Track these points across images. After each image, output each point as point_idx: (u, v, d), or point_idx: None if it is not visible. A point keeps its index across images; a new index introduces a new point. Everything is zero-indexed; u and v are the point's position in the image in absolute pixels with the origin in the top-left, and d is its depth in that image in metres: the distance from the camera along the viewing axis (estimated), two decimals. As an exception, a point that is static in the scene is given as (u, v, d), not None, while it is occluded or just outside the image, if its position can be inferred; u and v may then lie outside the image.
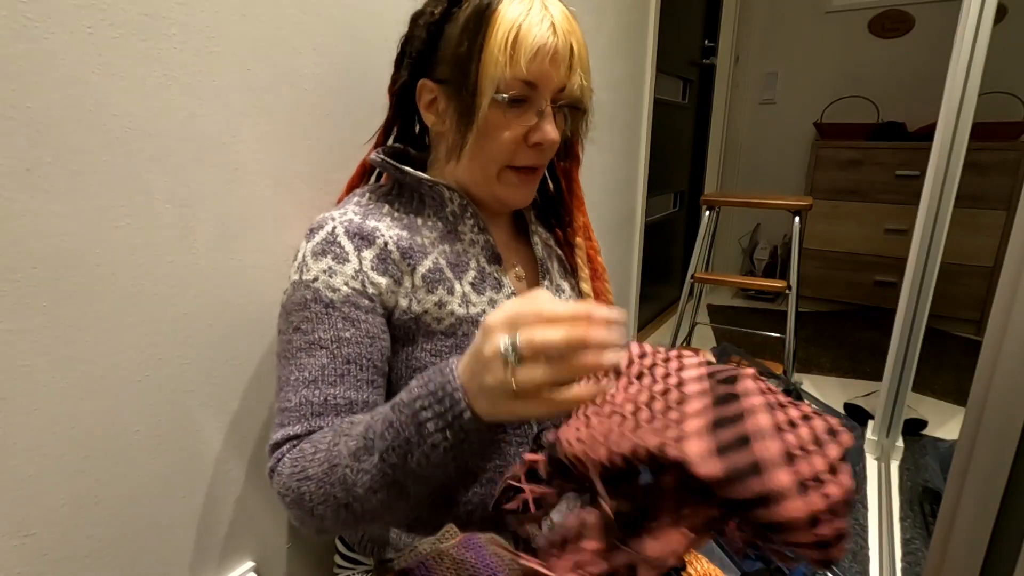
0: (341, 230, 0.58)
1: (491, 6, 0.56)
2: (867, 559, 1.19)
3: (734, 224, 3.19)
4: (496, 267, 0.65)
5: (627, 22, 1.61)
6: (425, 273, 0.60)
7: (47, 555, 0.54)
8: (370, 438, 0.46)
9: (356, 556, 0.72)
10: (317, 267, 0.56)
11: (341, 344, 0.55)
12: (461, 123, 0.58)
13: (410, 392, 0.46)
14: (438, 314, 0.60)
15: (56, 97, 0.48)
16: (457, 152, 0.60)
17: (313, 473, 0.49)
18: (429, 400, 0.44)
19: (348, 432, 0.49)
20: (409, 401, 0.45)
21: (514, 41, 0.54)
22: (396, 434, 0.45)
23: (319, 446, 0.50)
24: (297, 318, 0.56)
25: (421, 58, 0.61)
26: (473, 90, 0.56)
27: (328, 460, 0.48)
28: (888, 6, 2.64)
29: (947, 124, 1.29)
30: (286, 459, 0.52)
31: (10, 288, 0.48)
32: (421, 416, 0.44)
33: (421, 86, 0.62)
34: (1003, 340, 0.59)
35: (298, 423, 0.53)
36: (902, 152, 2.49)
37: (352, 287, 0.56)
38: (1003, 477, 0.60)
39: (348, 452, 0.47)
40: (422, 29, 0.60)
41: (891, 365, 1.51)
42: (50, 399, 0.52)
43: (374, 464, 0.46)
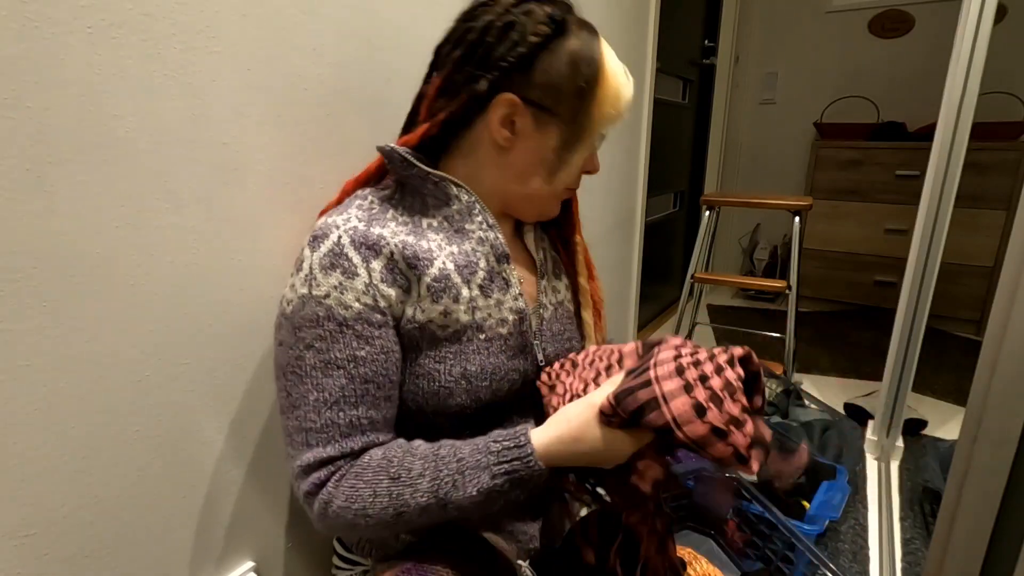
0: (347, 240, 0.57)
1: (597, 52, 0.61)
2: (867, 559, 1.19)
3: (734, 224, 3.19)
4: (505, 265, 0.65)
5: (627, 22, 1.61)
6: (430, 283, 0.59)
7: (47, 555, 0.54)
8: (443, 498, 0.53)
9: (354, 557, 0.72)
10: (327, 283, 0.56)
11: (358, 364, 0.56)
12: (564, 151, 0.64)
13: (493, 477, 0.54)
14: (443, 322, 0.60)
15: (56, 97, 0.48)
16: (548, 177, 0.65)
17: (374, 513, 0.54)
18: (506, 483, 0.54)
19: (409, 482, 0.54)
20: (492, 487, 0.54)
21: (617, 96, 0.63)
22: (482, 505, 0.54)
23: (377, 490, 0.54)
24: (309, 335, 0.55)
25: (511, 72, 0.59)
26: (582, 130, 0.63)
27: (394, 507, 0.54)
28: (888, 6, 2.64)
29: (947, 124, 1.29)
30: (337, 493, 0.54)
31: (10, 288, 0.48)
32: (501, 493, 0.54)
33: (504, 100, 0.59)
34: (1003, 340, 0.59)
35: (329, 445, 0.55)
36: (902, 152, 2.49)
37: (364, 303, 0.56)
38: (1003, 477, 0.60)
39: (417, 506, 0.54)
40: (524, 45, 0.58)
41: (891, 365, 1.50)
42: (50, 399, 0.52)
43: (447, 517, 0.54)
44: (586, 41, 0.61)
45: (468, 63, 0.60)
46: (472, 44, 0.60)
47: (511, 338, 0.64)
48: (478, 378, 0.61)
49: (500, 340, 0.63)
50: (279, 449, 0.76)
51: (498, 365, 0.63)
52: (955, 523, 0.65)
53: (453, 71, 0.61)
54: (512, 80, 0.59)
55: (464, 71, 0.60)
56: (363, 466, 0.55)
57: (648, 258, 2.12)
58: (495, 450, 0.55)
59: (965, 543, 0.64)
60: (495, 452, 0.55)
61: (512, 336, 0.64)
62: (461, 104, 0.60)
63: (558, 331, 0.70)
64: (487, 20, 0.59)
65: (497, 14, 0.59)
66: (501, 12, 0.59)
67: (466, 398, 0.61)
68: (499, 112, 0.60)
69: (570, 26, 0.61)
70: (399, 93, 0.84)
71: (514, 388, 0.65)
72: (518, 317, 0.65)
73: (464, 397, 0.61)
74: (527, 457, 0.54)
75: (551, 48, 0.59)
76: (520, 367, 0.65)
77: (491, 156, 0.63)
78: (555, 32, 0.59)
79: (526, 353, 0.66)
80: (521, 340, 0.65)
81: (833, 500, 1.15)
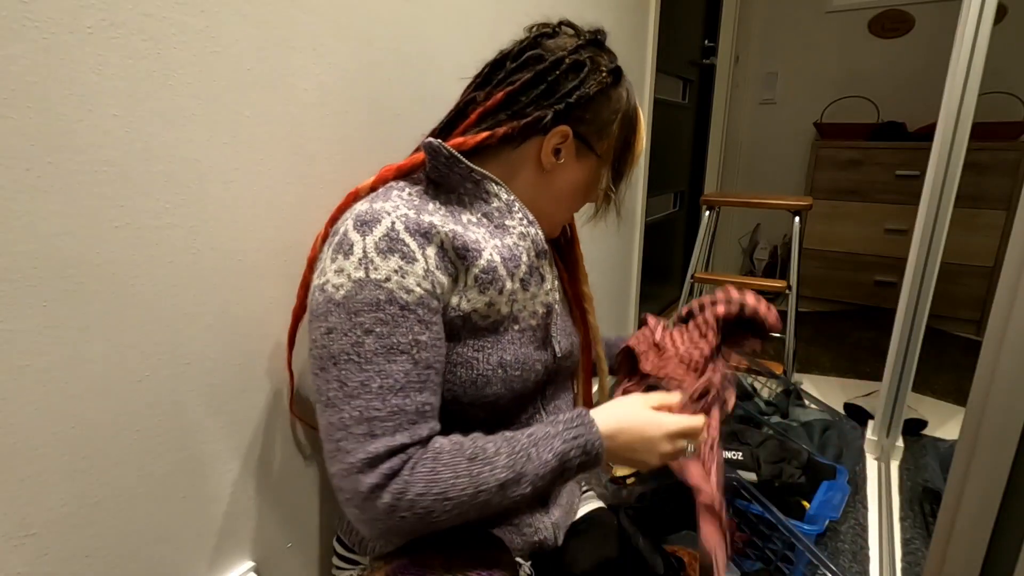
0: (401, 226, 0.56)
1: (636, 106, 0.71)
2: (867, 559, 1.19)
3: (734, 224, 3.19)
4: (543, 260, 0.68)
5: (627, 22, 1.61)
6: (479, 274, 0.60)
7: (47, 555, 0.54)
8: (519, 472, 0.56)
9: (354, 556, 0.72)
10: (387, 266, 0.55)
11: (420, 348, 0.56)
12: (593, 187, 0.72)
13: (564, 441, 0.59)
14: (486, 312, 0.61)
15: (56, 97, 0.48)
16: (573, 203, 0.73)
17: (454, 495, 0.53)
18: (577, 452, 0.59)
19: (487, 460, 0.55)
20: (564, 452, 0.58)
21: (641, 147, 0.74)
22: (552, 474, 0.58)
23: (457, 470, 0.54)
24: (369, 319, 0.54)
25: (572, 108, 0.65)
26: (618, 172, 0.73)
27: (473, 486, 0.54)
28: (888, 6, 2.64)
29: (947, 124, 1.29)
30: (414, 479, 0.52)
31: (10, 288, 0.48)
32: (570, 464, 0.59)
33: (560, 130, 0.65)
34: (1003, 340, 0.59)
35: (397, 433, 0.53)
36: (902, 152, 2.49)
37: (424, 288, 0.56)
38: (1003, 477, 0.60)
39: (496, 482, 0.55)
40: (589, 88, 0.65)
41: (891, 365, 1.50)
42: (50, 399, 0.52)
43: (521, 493, 0.56)
44: (631, 94, 0.71)
45: (535, 88, 0.64)
46: (541, 72, 0.64)
47: (538, 330, 0.67)
48: (512, 367, 0.63)
49: (530, 331, 0.66)
50: (279, 449, 0.76)
51: (528, 355, 0.65)
52: (955, 523, 0.65)
53: (519, 91, 0.64)
54: (571, 115, 0.65)
55: (530, 95, 0.64)
56: (437, 451, 0.55)
57: (648, 258, 2.12)
58: (562, 420, 0.60)
59: (965, 543, 0.64)
60: (562, 422, 0.60)
61: (539, 328, 0.67)
62: (523, 125, 0.64)
63: (564, 325, 0.73)
64: (559, 55, 0.65)
65: (567, 50, 0.65)
66: (571, 50, 0.65)
67: (501, 387, 0.63)
68: (554, 140, 0.65)
69: (622, 77, 0.69)
70: (399, 93, 0.84)
71: (538, 379, 0.68)
72: (546, 310, 0.67)
73: (500, 386, 0.63)
74: (591, 424, 0.60)
75: (607, 95, 0.67)
76: (543, 359, 0.68)
77: (532, 172, 0.67)
78: (613, 81, 0.67)
79: (547, 345, 0.69)
80: (544, 332, 0.68)
81: (833, 500, 1.14)
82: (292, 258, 0.72)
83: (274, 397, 0.74)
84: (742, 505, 1.11)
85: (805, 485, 1.21)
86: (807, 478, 1.23)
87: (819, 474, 1.24)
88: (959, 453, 0.64)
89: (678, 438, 0.64)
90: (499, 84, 0.66)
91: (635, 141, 0.72)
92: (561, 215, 0.73)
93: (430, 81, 0.89)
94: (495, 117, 0.65)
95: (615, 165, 0.72)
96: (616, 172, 0.72)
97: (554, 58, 0.64)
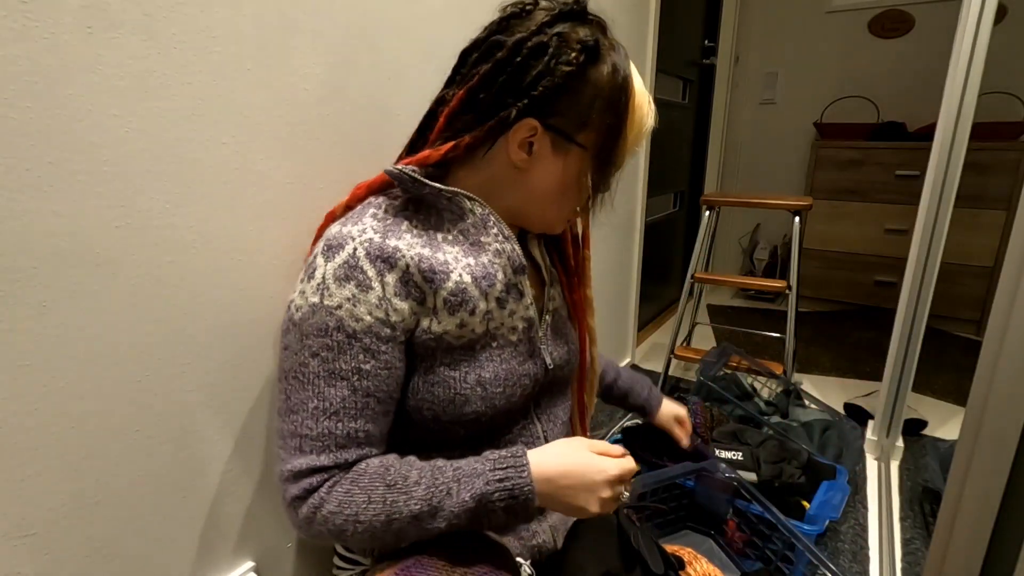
0: (363, 253, 0.56)
1: (627, 82, 0.61)
2: (867, 559, 1.19)
3: (734, 224, 3.19)
4: (521, 277, 0.65)
5: (627, 22, 1.61)
6: (447, 296, 0.59)
7: (47, 555, 0.54)
8: (435, 506, 0.54)
9: (354, 557, 0.72)
10: (340, 294, 0.55)
11: (362, 376, 0.56)
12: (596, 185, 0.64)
13: (487, 483, 0.55)
14: (458, 334, 0.60)
15: (56, 97, 0.48)
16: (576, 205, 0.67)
17: (365, 519, 0.54)
18: (502, 495, 0.55)
19: (404, 489, 0.54)
20: (487, 494, 0.55)
21: (643, 123, 0.64)
22: (469, 515, 0.55)
23: (372, 495, 0.54)
24: (316, 344, 0.55)
25: (542, 97, 0.58)
26: (615, 161, 0.63)
27: (386, 513, 0.54)
28: (888, 6, 2.64)
29: (947, 124, 1.29)
30: (330, 497, 0.55)
31: (10, 288, 0.48)
32: (492, 507, 0.55)
33: (525, 124, 0.59)
34: (1003, 340, 0.59)
35: (323, 454, 0.55)
36: (902, 152, 2.49)
37: (376, 316, 0.56)
38: (1003, 477, 0.60)
39: (409, 513, 0.54)
40: (557, 74, 0.57)
41: (891, 365, 1.50)
42: (50, 399, 0.52)
43: (437, 527, 0.55)
44: (618, 71, 0.59)
45: (495, 83, 0.58)
46: (500, 62, 0.58)
47: (521, 344, 0.65)
48: (492, 384, 0.62)
49: (511, 347, 0.64)
50: (279, 449, 0.76)
51: (511, 371, 0.63)
52: (955, 523, 0.65)
53: (479, 87, 0.59)
54: (538, 107, 0.58)
55: (491, 91, 0.58)
56: (359, 472, 0.56)
57: (648, 258, 2.12)
58: (492, 458, 0.57)
59: (965, 543, 0.64)
60: (492, 459, 0.57)
61: (522, 342, 0.65)
62: (487, 130, 0.59)
63: (559, 335, 0.72)
64: (518, 38, 0.57)
65: (529, 31, 0.57)
66: (534, 30, 0.57)
67: (481, 404, 0.62)
68: (519, 135, 0.60)
69: (602, 53, 0.58)
70: (400, 92, 0.84)
71: (526, 393, 0.66)
72: (527, 324, 0.66)
73: (480, 404, 0.61)
74: (522, 467, 0.56)
75: (581, 77, 0.58)
76: (530, 371, 0.66)
77: (507, 173, 0.63)
78: (586, 60, 0.57)
79: (535, 358, 0.67)
80: (530, 346, 0.66)
81: (833, 500, 1.14)
82: (292, 258, 0.72)
83: (274, 397, 0.74)
84: (742, 505, 1.11)
85: (805, 485, 1.21)
86: (807, 478, 1.23)
87: (819, 474, 1.24)
88: (959, 453, 0.64)
89: (618, 484, 0.60)
90: (463, 80, 0.61)
91: (626, 125, 0.62)
92: (553, 214, 0.67)
93: (431, 81, 0.89)
94: (461, 119, 0.61)
95: (598, 154, 0.62)
96: (600, 162, 0.62)
97: (513, 42, 0.57)
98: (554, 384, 0.72)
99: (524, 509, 0.56)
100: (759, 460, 1.24)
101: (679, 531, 1.22)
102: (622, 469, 0.60)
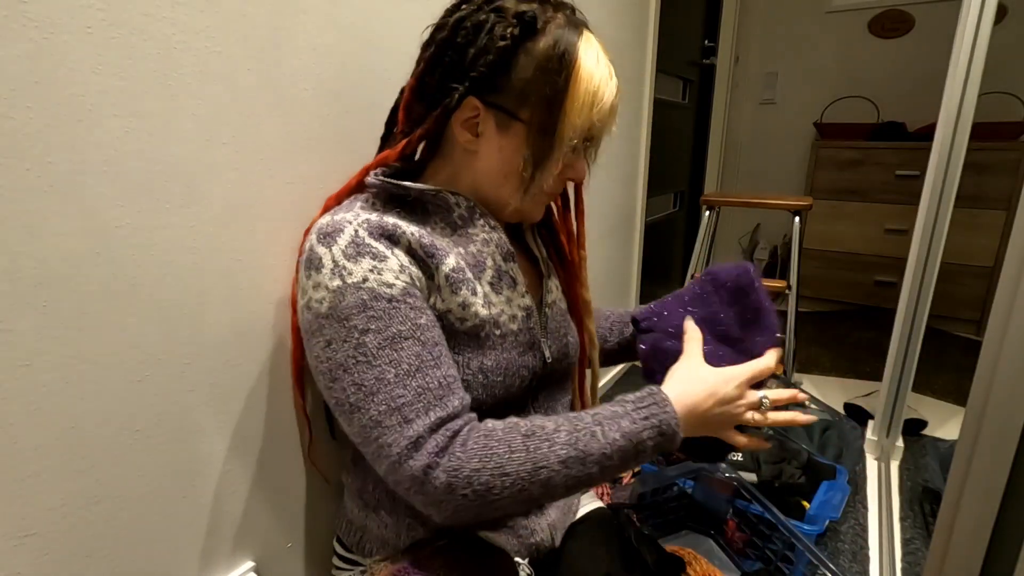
0: (364, 232, 0.56)
1: (570, 53, 0.57)
2: (867, 559, 1.19)
3: (734, 224, 3.19)
4: (512, 264, 0.66)
5: (627, 22, 1.61)
6: (449, 273, 0.59)
7: (47, 555, 0.54)
8: (583, 450, 0.53)
9: (353, 557, 0.72)
10: (360, 269, 0.54)
11: (422, 330, 0.55)
12: (535, 162, 0.60)
13: (633, 422, 0.55)
14: (461, 315, 0.60)
15: (56, 97, 0.48)
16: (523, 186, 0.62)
17: (511, 470, 0.51)
18: (651, 432, 0.56)
19: (545, 436, 0.53)
20: (634, 432, 0.55)
21: (594, 97, 0.58)
22: (621, 454, 0.54)
23: (512, 445, 0.52)
24: (361, 320, 0.53)
25: (482, 77, 0.58)
26: (553, 136, 0.59)
27: (532, 461, 0.52)
28: (888, 6, 2.64)
29: (947, 124, 1.29)
30: (467, 455, 0.51)
31: (10, 288, 0.48)
32: (644, 445, 0.55)
33: (466, 104, 0.59)
34: (1003, 340, 0.59)
35: (431, 410, 0.52)
36: (902, 152, 2.49)
37: (403, 280, 0.56)
38: (1003, 477, 0.60)
39: (557, 459, 0.52)
40: (493, 50, 0.56)
41: (891, 365, 1.50)
42: (50, 399, 0.52)
43: (588, 473, 0.53)
44: (559, 42, 0.57)
45: (439, 66, 0.59)
46: (441, 44, 0.58)
47: (521, 334, 0.65)
48: (494, 372, 0.62)
49: (512, 336, 0.64)
50: (279, 449, 0.76)
51: (511, 361, 0.63)
52: (955, 523, 0.65)
53: (425, 72, 0.61)
54: (478, 85, 0.58)
55: (435, 76, 0.60)
56: (490, 428, 0.54)
57: (648, 258, 2.12)
58: (630, 399, 0.58)
59: (965, 543, 0.64)
60: (630, 401, 0.57)
61: (522, 332, 0.65)
62: (434, 120, 0.60)
63: (555, 329, 0.71)
64: (457, 17, 0.58)
65: (470, 11, 0.58)
66: (474, 9, 0.57)
67: (482, 392, 0.61)
68: (463, 116, 0.60)
69: (543, 24, 0.57)
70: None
71: (524, 385, 0.66)
72: (526, 314, 0.66)
73: (480, 391, 0.61)
74: (665, 403, 0.57)
75: (517, 51, 0.57)
76: (529, 363, 0.66)
77: (464, 159, 0.63)
78: (524, 33, 0.56)
79: (535, 350, 0.67)
80: (530, 337, 0.66)
81: (833, 500, 1.14)
82: (292, 258, 0.72)
83: (274, 397, 0.74)
84: (742, 505, 1.11)
85: (805, 485, 1.21)
86: (807, 478, 1.23)
87: (819, 474, 1.24)
88: (959, 453, 0.64)
89: (751, 387, 0.63)
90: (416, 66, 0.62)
91: (567, 97, 0.57)
92: (509, 194, 0.63)
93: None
94: (416, 110, 0.61)
95: (537, 128, 0.58)
96: (538, 135, 0.59)
97: (453, 21, 0.57)
98: (552, 378, 0.72)
99: (671, 443, 0.57)
100: (759, 460, 1.24)
101: (679, 531, 1.22)
102: (752, 371, 0.63)
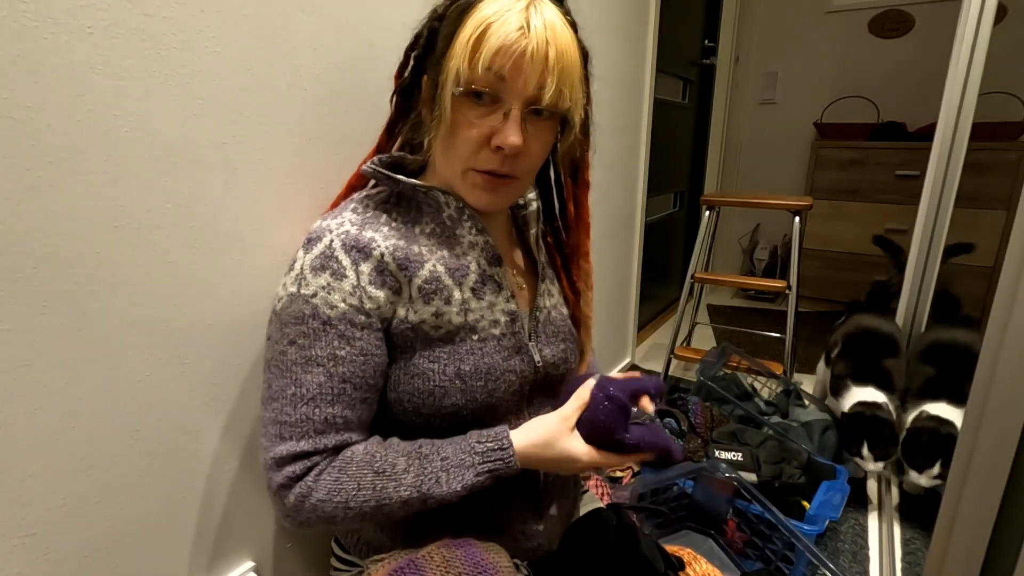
0: (338, 244, 0.58)
1: (472, 3, 0.56)
2: (867, 559, 1.19)
3: (734, 224, 3.19)
4: (497, 268, 0.65)
5: (627, 22, 1.61)
6: (421, 284, 0.60)
7: (47, 555, 0.54)
8: (425, 492, 0.56)
9: (351, 558, 0.72)
10: (316, 282, 0.57)
11: (337, 363, 0.57)
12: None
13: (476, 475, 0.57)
14: (435, 323, 0.61)
15: (56, 97, 0.48)
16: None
17: (355, 506, 0.56)
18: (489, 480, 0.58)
19: (393, 476, 0.56)
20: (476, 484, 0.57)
21: (479, 37, 0.54)
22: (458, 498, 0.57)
23: (361, 483, 0.56)
24: (293, 331, 0.57)
25: (424, 53, 0.62)
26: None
27: (375, 499, 0.56)
28: (888, 6, 2.64)
29: (947, 124, 1.29)
30: (318, 486, 0.55)
31: (10, 288, 0.48)
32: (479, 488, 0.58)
33: (425, 84, 0.63)
34: (1003, 340, 0.59)
35: (302, 440, 0.56)
36: (902, 152, 2.49)
37: (350, 303, 0.57)
38: (1003, 477, 0.60)
39: (399, 499, 0.56)
40: (426, 24, 0.62)
41: (891, 365, 1.50)
42: (50, 399, 0.52)
43: (426, 506, 0.57)
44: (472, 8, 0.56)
45: (410, 56, 0.64)
46: (414, 36, 0.63)
47: (504, 339, 0.64)
48: (472, 378, 0.61)
49: (494, 341, 0.63)
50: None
51: (493, 366, 0.63)
52: (955, 523, 0.65)
53: (403, 65, 0.65)
54: (431, 65, 0.61)
55: (407, 65, 0.65)
56: (346, 460, 0.57)
57: (648, 258, 2.12)
58: (480, 451, 0.58)
59: (965, 543, 0.64)
60: (480, 452, 0.58)
61: (506, 337, 0.64)
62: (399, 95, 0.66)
63: (553, 333, 0.70)
64: (431, 8, 0.61)
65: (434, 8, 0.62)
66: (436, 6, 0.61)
67: (461, 398, 0.61)
68: (424, 96, 0.63)
69: (464, 7, 0.56)
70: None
71: (511, 389, 0.65)
72: (510, 318, 0.65)
73: (459, 397, 0.61)
74: (509, 458, 0.58)
75: (448, 25, 0.58)
76: (516, 368, 0.65)
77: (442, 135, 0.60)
78: (459, 9, 0.57)
79: (522, 354, 0.66)
80: (515, 341, 0.65)
81: (833, 500, 1.14)
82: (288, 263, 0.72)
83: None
84: (742, 505, 1.11)
85: (805, 485, 1.21)
86: (807, 478, 1.23)
87: (819, 474, 1.24)
88: (959, 453, 0.64)
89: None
90: None
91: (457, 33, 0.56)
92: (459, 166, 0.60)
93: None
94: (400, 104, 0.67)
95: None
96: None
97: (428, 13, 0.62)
98: (549, 383, 0.71)
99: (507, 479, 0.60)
100: (759, 460, 1.24)
101: (679, 531, 1.22)
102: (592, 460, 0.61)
